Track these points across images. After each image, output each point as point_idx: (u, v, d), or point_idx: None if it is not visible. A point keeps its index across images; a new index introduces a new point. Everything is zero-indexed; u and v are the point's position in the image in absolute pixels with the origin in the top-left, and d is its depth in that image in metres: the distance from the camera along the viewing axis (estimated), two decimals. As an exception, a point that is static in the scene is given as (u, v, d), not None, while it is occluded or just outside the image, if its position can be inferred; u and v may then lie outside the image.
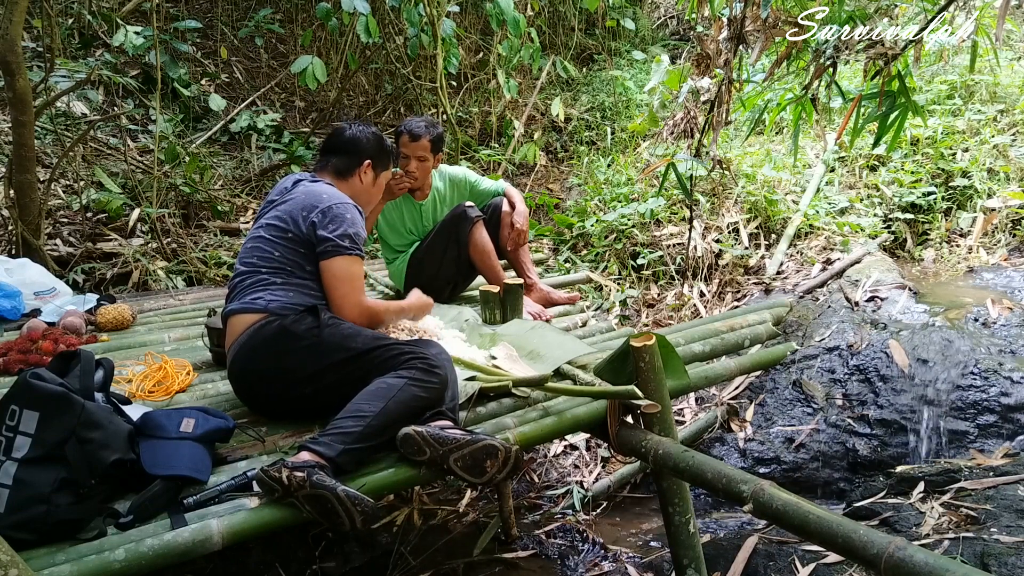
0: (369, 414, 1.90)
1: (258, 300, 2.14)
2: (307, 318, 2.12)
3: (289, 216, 2.22)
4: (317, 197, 2.23)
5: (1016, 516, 2.27)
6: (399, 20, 5.58)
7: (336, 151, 2.43)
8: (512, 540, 3.00)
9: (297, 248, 2.20)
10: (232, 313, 2.18)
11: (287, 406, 2.17)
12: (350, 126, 2.46)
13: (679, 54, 7.58)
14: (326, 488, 1.68)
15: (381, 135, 2.50)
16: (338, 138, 2.44)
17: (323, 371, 2.08)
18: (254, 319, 2.12)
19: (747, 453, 3.26)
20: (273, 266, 2.19)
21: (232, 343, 2.16)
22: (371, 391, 1.97)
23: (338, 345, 2.08)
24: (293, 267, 2.20)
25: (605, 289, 4.59)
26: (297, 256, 2.20)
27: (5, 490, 1.57)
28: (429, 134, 3.13)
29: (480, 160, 6.11)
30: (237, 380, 2.20)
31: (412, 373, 2.01)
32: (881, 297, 3.64)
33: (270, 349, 2.09)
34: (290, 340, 2.08)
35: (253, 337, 2.10)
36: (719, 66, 3.16)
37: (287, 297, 2.15)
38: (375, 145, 2.45)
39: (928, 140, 4.81)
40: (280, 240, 2.21)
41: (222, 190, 5.23)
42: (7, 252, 3.85)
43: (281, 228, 2.22)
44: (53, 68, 3.97)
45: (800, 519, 1.58)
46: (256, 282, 2.18)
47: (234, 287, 2.25)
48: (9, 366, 2.52)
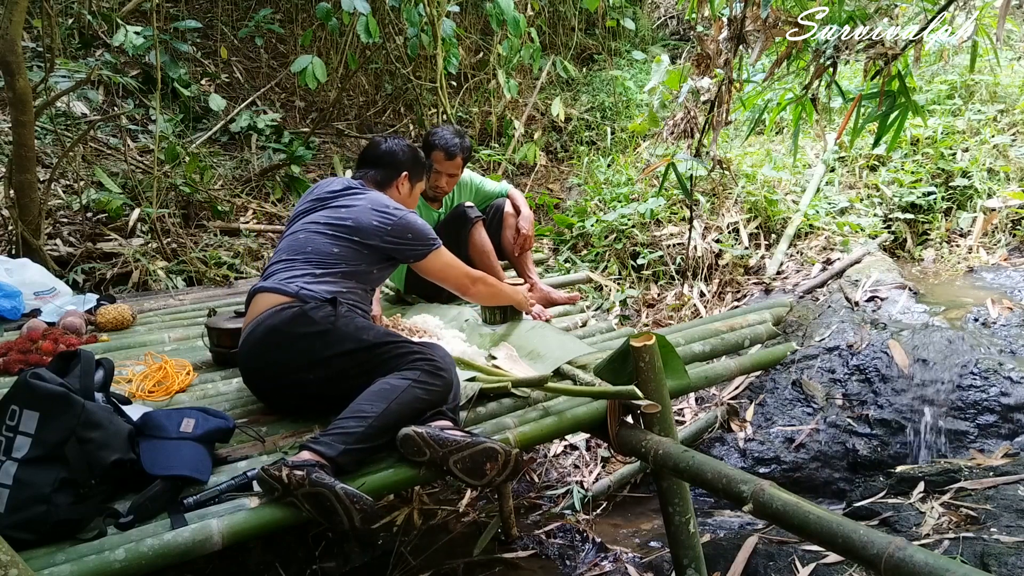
0: (371, 415, 1.90)
1: (291, 284, 2.20)
2: (326, 307, 2.16)
3: (356, 220, 2.33)
4: (386, 207, 2.38)
5: (1016, 516, 2.27)
6: (399, 20, 5.58)
7: (374, 163, 2.56)
8: (512, 540, 3.00)
9: (360, 249, 2.33)
10: (262, 290, 2.23)
11: (289, 392, 2.18)
12: (385, 140, 2.61)
13: (679, 54, 7.58)
14: (325, 486, 1.69)
15: (416, 148, 2.66)
16: (375, 151, 2.58)
17: (331, 358, 2.10)
18: (280, 300, 2.17)
19: (747, 453, 3.26)
20: (323, 260, 2.28)
21: (251, 320, 2.20)
22: (374, 391, 1.97)
23: (350, 335, 2.12)
24: (345, 265, 2.29)
25: (605, 289, 4.59)
26: (357, 256, 2.32)
27: (5, 490, 1.58)
28: (463, 153, 3.17)
29: (480, 160, 6.11)
30: (246, 359, 2.22)
31: (417, 375, 2.02)
32: (881, 297, 3.64)
33: (285, 329, 2.12)
34: (305, 324, 2.11)
35: (271, 317, 2.14)
36: (719, 66, 3.16)
37: (319, 290, 2.20)
38: (411, 158, 2.60)
39: (928, 140, 4.81)
40: (344, 239, 2.31)
41: (222, 190, 5.23)
42: (7, 252, 3.84)
43: (347, 228, 2.32)
44: (53, 68, 3.97)
45: (800, 519, 1.58)
46: (296, 269, 2.25)
47: (272, 266, 2.31)
48: (9, 366, 2.52)
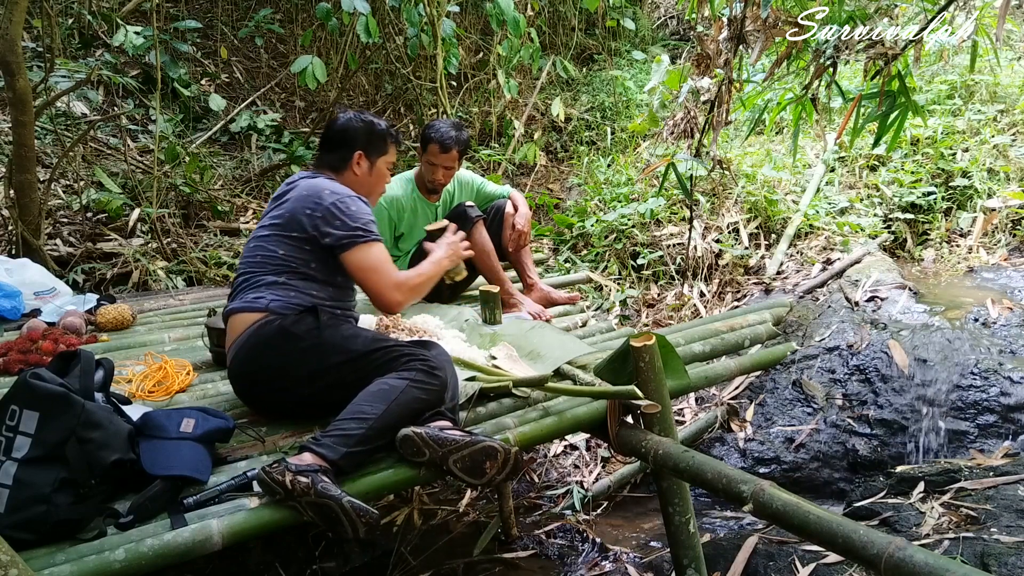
0: (371, 416, 1.89)
1: (259, 299, 2.14)
2: (307, 318, 2.11)
3: (291, 214, 2.19)
4: (318, 194, 2.19)
5: (1016, 516, 2.27)
6: (399, 20, 5.58)
7: (327, 147, 2.37)
8: (512, 540, 3.00)
9: (301, 246, 2.18)
10: (233, 312, 2.18)
11: (286, 407, 2.17)
12: (339, 118, 2.38)
13: (679, 54, 7.58)
14: (331, 498, 1.68)
15: (371, 121, 2.38)
16: (327, 132, 2.39)
17: (322, 372, 2.07)
18: (255, 318, 2.11)
19: (747, 453, 3.26)
20: (276, 265, 2.18)
21: (232, 343, 2.16)
22: (373, 392, 1.96)
23: (338, 347, 2.08)
24: (297, 264, 2.18)
25: (605, 289, 4.59)
26: (301, 254, 2.18)
27: (5, 490, 1.58)
28: (459, 145, 3.12)
29: (480, 160, 6.11)
30: (236, 380, 2.20)
31: (413, 375, 2.00)
32: (881, 297, 3.64)
33: (270, 349, 2.08)
34: (290, 341, 2.07)
35: (253, 337, 2.10)
36: (719, 66, 3.16)
37: (288, 297, 2.14)
38: (365, 134, 2.35)
39: (928, 140, 4.81)
40: (283, 238, 2.19)
41: (222, 190, 5.23)
42: (7, 252, 3.84)
43: (284, 227, 2.20)
44: (53, 68, 3.97)
45: (800, 519, 1.58)
46: (258, 282, 2.18)
47: (236, 286, 2.24)
48: (9, 366, 2.52)
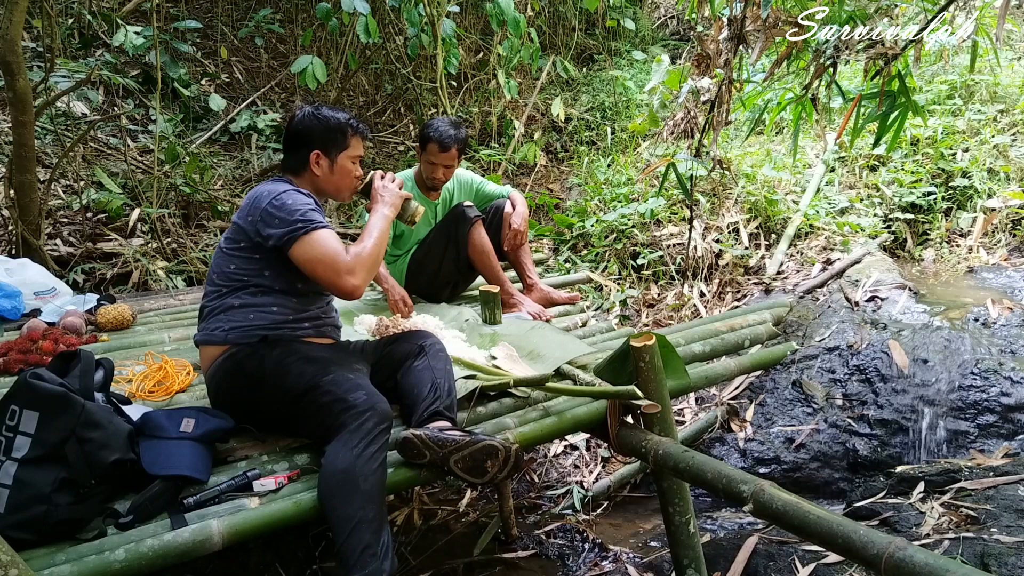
0: (357, 516, 1.74)
1: (217, 330, 2.12)
2: (258, 352, 2.07)
3: (236, 226, 2.15)
4: (256, 198, 2.12)
5: (1016, 516, 2.27)
6: (399, 20, 5.58)
7: (287, 148, 2.26)
8: (512, 540, 3.00)
9: (251, 256, 2.12)
10: (200, 343, 2.18)
11: (273, 424, 2.13)
12: (294, 116, 2.25)
13: (679, 54, 7.58)
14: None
15: (327, 116, 2.22)
16: (285, 134, 2.27)
17: (269, 407, 2.05)
18: (216, 352, 2.11)
19: (747, 453, 3.26)
20: (232, 283, 2.14)
21: (204, 372, 2.18)
22: (336, 490, 1.76)
23: (277, 387, 2.02)
24: (250, 277, 2.12)
25: (605, 289, 4.59)
26: (252, 264, 2.12)
27: (5, 490, 1.58)
28: (457, 143, 3.12)
29: (480, 160, 6.10)
30: (217, 407, 2.16)
31: (348, 436, 1.84)
32: (881, 297, 3.64)
33: (234, 385, 2.09)
34: (244, 377, 2.07)
35: (218, 371, 2.11)
36: (719, 66, 3.16)
37: (247, 322, 2.11)
38: (320, 131, 2.20)
39: (928, 140, 4.81)
40: (232, 252, 2.14)
41: (222, 190, 5.23)
42: (7, 252, 3.84)
43: (232, 239, 2.16)
44: (53, 68, 3.97)
45: (800, 519, 1.58)
46: (218, 306, 2.15)
47: (201, 309, 2.22)
48: (9, 366, 2.52)
